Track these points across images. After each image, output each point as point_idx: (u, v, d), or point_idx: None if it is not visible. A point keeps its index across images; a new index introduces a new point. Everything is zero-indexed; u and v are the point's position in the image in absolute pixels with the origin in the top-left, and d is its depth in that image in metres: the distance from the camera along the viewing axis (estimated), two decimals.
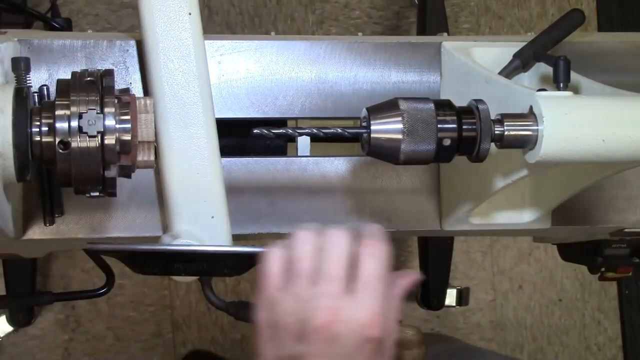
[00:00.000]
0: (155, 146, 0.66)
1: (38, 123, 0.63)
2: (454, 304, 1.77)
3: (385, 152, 0.68)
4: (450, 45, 0.87)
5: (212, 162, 0.77)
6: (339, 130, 0.68)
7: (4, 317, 1.64)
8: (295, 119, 0.88)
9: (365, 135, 0.68)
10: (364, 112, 0.69)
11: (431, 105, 0.68)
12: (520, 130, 0.68)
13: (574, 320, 1.98)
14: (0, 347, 1.72)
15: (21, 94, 0.64)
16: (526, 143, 0.68)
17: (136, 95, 0.65)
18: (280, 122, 0.87)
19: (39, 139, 0.63)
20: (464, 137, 0.68)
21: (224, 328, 1.81)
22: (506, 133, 0.68)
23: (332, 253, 0.58)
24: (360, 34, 0.95)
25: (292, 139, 0.71)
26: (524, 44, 0.85)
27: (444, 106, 0.69)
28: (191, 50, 0.76)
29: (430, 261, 1.70)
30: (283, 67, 0.86)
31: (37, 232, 0.82)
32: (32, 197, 0.81)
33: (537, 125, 0.67)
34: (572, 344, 1.98)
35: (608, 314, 2.00)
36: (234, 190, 0.83)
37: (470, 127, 0.68)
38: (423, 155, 0.68)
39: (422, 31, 1.66)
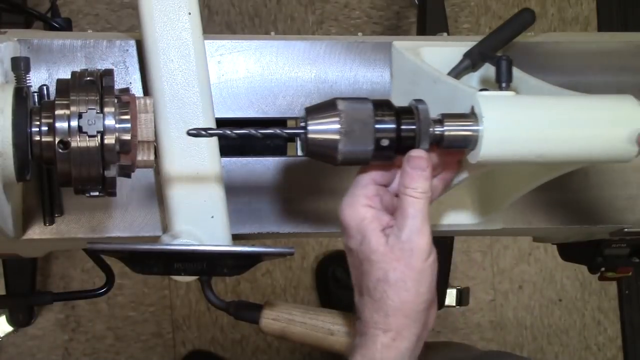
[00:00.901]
0: (155, 146, 0.66)
1: (38, 123, 0.63)
2: (454, 304, 1.77)
3: (323, 153, 0.67)
4: (400, 45, 0.86)
5: (212, 162, 0.77)
6: (277, 131, 0.67)
7: (4, 317, 1.64)
8: (295, 118, 0.88)
9: (302, 135, 0.67)
10: (302, 112, 0.68)
11: (369, 105, 0.67)
12: (460, 130, 0.67)
13: (574, 320, 1.98)
14: (0, 347, 1.72)
15: (21, 94, 0.64)
16: (467, 143, 0.68)
17: (136, 95, 0.65)
18: (280, 122, 0.86)
19: (38, 138, 0.63)
20: (403, 137, 0.67)
21: (224, 328, 1.81)
22: (446, 133, 0.67)
23: None
24: (360, 34, 0.95)
25: (228, 139, 0.69)
26: (474, 43, 0.84)
27: (382, 106, 0.68)
28: (191, 50, 0.76)
29: None
30: (283, 67, 0.86)
31: (37, 232, 0.82)
32: (32, 197, 0.81)
33: (478, 126, 0.67)
34: (572, 344, 1.98)
35: (608, 314, 2.00)
36: (234, 190, 0.83)
37: (409, 127, 0.67)
38: (361, 156, 0.67)
39: (422, 31, 1.66)
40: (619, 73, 0.91)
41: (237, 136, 0.67)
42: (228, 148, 0.82)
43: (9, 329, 1.66)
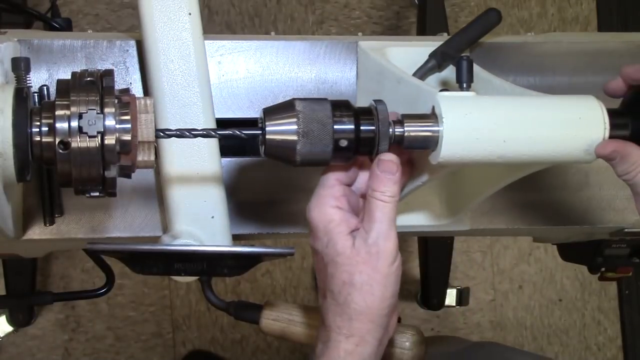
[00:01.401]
0: (155, 146, 0.66)
1: (38, 123, 0.63)
2: (454, 304, 1.77)
3: (282, 154, 0.67)
4: (365, 45, 0.86)
5: (212, 162, 0.77)
6: (236, 132, 0.66)
7: (4, 317, 1.64)
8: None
9: (260, 136, 0.67)
10: (260, 113, 0.68)
11: (328, 106, 0.67)
12: (421, 131, 0.67)
13: (574, 320, 1.98)
14: (0, 347, 1.72)
15: (21, 94, 0.64)
16: (428, 144, 0.67)
17: (136, 95, 0.65)
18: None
19: (39, 139, 0.63)
20: (362, 138, 0.67)
21: (224, 328, 1.81)
22: (406, 134, 0.67)
23: None
24: (360, 34, 0.95)
25: (187, 139, 0.69)
26: (440, 43, 0.84)
27: (341, 107, 0.67)
28: (191, 50, 0.76)
29: (430, 261, 1.70)
30: (283, 67, 0.86)
31: (37, 232, 0.82)
32: (32, 197, 0.81)
33: (438, 126, 0.66)
34: (572, 344, 1.98)
35: (608, 314, 2.00)
36: (234, 190, 0.83)
37: (367, 127, 0.67)
38: (320, 156, 0.66)
39: (422, 31, 1.66)
40: (619, 73, 0.91)
41: (194, 137, 0.67)
42: (228, 148, 0.82)
43: (9, 329, 1.66)
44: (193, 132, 0.66)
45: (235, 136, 0.67)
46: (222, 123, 0.79)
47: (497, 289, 1.95)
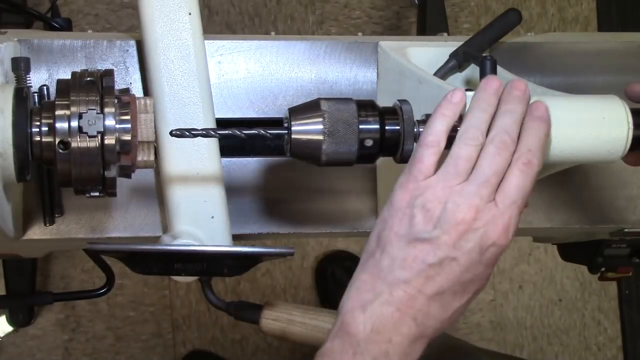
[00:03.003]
0: (155, 146, 0.66)
1: (38, 123, 0.63)
2: None
3: (307, 153, 0.67)
4: (386, 45, 0.86)
5: (212, 162, 0.77)
6: (261, 132, 0.66)
7: (4, 317, 1.64)
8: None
9: (286, 136, 0.67)
10: (285, 113, 0.68)
11: (353, 106, 0.67)
12: None
13: (574, 320, 1.98)
14: (0, 347, 1.72)
15: (21, 94, 0.64)
16: (451, 143, 0.67)
17: (136, 95, 0.65)
18: (280, 122, 0.86)
19: (39, 139, 0.63)
20: (387, 138, 0.67)
21: (224, 328, 1.81)
22: None
23: (493, 162, 0.62)
24: (360, 34, 0.95)
25: (211, 139, 0.69)
26: (460, 44, 0.84)
27: (366, 107, 0.67)
28: (191, 50, 0.76)
29: None
30: (283, 67, 0.86)
31: (37, 232, 0.82)
32: (32, 197, 0.81)
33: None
34: (572, 344, 1.98)
35: (608, 314, 2.00)
36: (234, 190, 0.83)
37: (392, 127, 0.67)
38: (345, 156, 0.67)
39: (422, 31, 1.66)
40: (619, 73, 0.91)
41: (220, 137, 0.67)
42: (228, 148, 0.82)
43: (9, 329, 1.66)
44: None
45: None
46: (222, 123, 0.79)
47: (497, 289, 1.95)
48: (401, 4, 1.89)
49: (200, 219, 0.77)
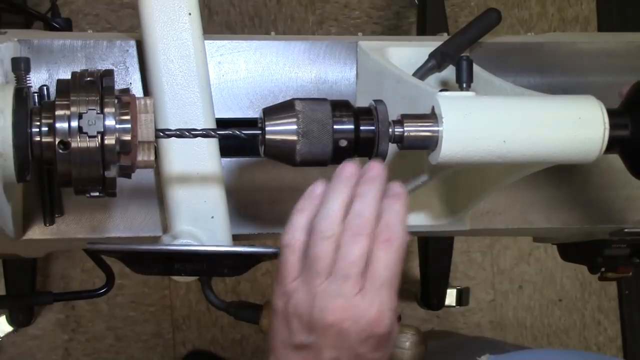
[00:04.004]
0: (155, 146, 0.66)
1: (38, 123, 0.63)
2: (454, 304, 1.78)
3: (282, 154, 0.67)
4: (365, 45, 0.85)
5: (212, 162, 0.77)
6: (235, 132, 0.66)
7: (4, 317, 1.64)
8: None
9: (260, 136, 0.67)
10: (260, 113, 0.68)
11: (327, 106, 0.67)
12: (420, 131, 0.67)
13: (574, 320, 1.98)
14: (0, 347, 1.72)
15: (21, 94, 0.64)
16: (428, 144, 0.67)
17: (136, 95, 0.65)
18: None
19: (39, 139, 0.63)
20: (362, 138, 0.67)
21: (224, 328, 1.81)
22: (406, 134, 0.67)
23: (350, 252, 0.60)
24: (360, 34, 0.95)
25: (187, 139, 0.69)
26: (440, 43, 0.83)
27: (341, 107, 0.67)
28: (191, 50, 0.76)
29: (430, 261, 1.70)
30: (283, 67, 0.86)
31: (37, 232, 0.82)
32: (32, 197, 0.81)
33: (438, 126, 0.66)
34: (572, 344, 1.98)
35: (608, 314, 2.00)
36: (234, 190, 0.83)
37: (367, 127, 0.67)
38: (320, 157, 0.66)
39: (422, 31, 1.66)
40: (619, 73, 0.91)
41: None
42: (228, 148, 0.82)
43: (9, 329, 1.66)
44: (193, 132, 0.66)
45: (235, 136, 0.67)
46: (222, 123, 0.79)
47: (497, 289, 1.95)
48: (401, 4, 1.89)
49: (200, 219, 0.77)
